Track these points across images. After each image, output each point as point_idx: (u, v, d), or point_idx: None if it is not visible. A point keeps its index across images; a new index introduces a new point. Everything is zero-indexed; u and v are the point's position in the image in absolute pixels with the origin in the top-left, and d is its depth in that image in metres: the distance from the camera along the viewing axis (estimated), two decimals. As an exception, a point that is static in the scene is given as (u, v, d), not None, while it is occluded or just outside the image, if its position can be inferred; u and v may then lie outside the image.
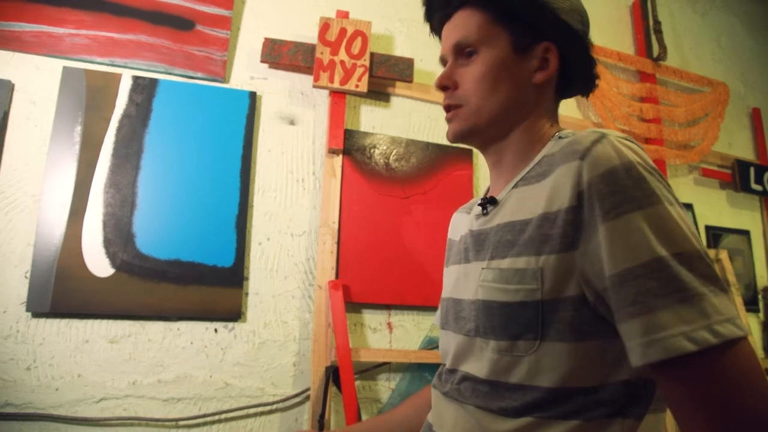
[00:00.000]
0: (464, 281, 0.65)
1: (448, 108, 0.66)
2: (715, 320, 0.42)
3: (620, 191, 0.47)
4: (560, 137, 0.60)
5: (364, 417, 1.38)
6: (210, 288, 1.32)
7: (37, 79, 1.30)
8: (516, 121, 0.63)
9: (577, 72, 0.66)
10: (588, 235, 0.48)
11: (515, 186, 0.61)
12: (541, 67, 0.63)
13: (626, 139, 0.51)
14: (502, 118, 0.63)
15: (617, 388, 0.50)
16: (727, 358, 0.42)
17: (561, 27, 0.62)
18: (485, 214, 0.64)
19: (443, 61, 0.69)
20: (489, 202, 0.64)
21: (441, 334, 0.72)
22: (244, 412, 1.31)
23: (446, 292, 0.72)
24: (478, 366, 0.57)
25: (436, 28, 0.72)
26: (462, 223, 0.76)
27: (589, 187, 0.48)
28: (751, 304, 2.13)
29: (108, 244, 1.26)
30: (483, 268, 0.59)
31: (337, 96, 1.54)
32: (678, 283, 0.43)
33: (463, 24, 0.64)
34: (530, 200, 0.56)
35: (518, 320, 0.52)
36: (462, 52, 0.65)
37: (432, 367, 1.50)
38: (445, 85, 0.66)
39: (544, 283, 0.51)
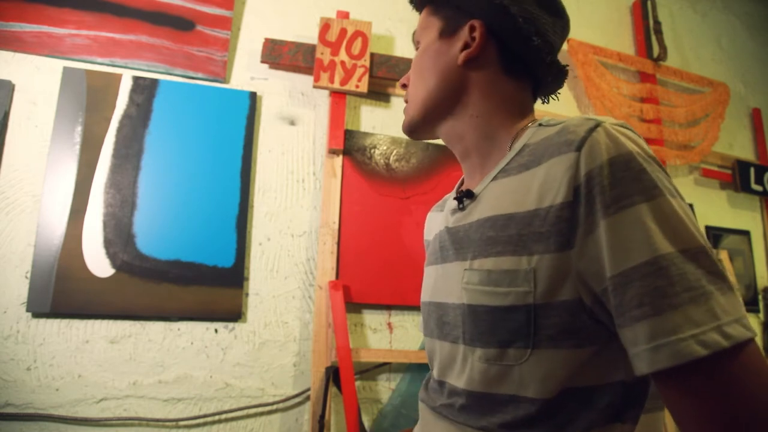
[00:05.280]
0: (444, 283, 0.60)
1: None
2: (724, 321, 0.39)
3: (620, 184, 0.43)
4: (542, 125, 0.55)
5: (364, 417, 1.38)
6: (210, 288, 1.32)
7: (38, 79, 1.30)
8: (450, 106, 0.62)
9: (517, 48, 0.59)
10: (585, 232, 0.45)
11: (494, 178, 0.56)
12: (466, 46, 0.60)
13: (622, 126, 0.47)
14: (433, 105, 0.62)
15: (613, 392, 0.47)
16: (737, 361, 0.39)
17: (482, 1, 0.58)
18: (462, 209, 0.60)
19: None
20: (465, 196, 0.59)
21: (425, 341, 0.67)
22: (245, 412, 1.31)
23: (425, 296, 0.68)
24: (464, 377, 0.54)
25: None
26: (436, 222, 0.72)
27: (588, 180, 0.44)
28: (751, 305, 2.13)
29: (108, 244, 1.26)
30: (466, 269, 0.55)
31: (338, 96, 1.54)
32: (686, 281, 0.40)
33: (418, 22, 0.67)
34: (512, 193, 0.52)
35: (507, 326, 0.49)
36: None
37: (432, 368, 1.50)
38: (403, 83, 0.68)
39: (537, 286, 0.47)
